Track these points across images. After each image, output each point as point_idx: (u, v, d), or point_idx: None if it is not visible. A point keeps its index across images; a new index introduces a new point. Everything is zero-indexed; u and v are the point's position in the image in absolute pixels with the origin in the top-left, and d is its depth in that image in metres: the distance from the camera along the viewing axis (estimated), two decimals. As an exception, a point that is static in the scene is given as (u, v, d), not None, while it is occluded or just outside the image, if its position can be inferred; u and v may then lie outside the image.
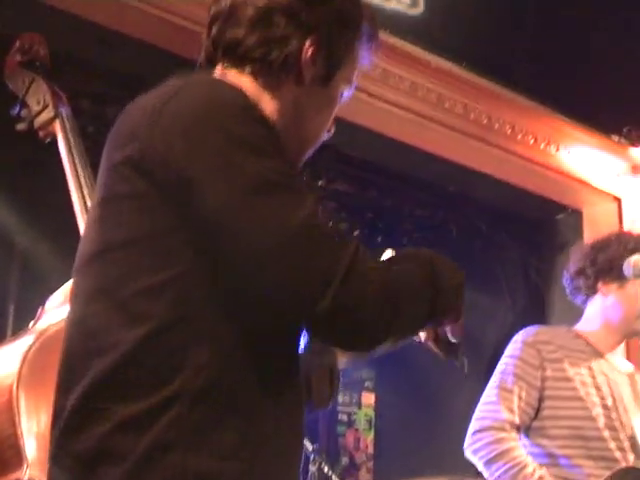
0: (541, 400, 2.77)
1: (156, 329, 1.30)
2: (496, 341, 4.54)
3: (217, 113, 1.34)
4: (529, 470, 2.66)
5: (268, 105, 1.51)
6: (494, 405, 2.76)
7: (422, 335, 1.53)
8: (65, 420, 1.35)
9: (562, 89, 4.77)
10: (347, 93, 1.63)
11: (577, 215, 5.46)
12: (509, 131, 4.74)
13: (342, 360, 1.97)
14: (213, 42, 1.57)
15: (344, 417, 6.83)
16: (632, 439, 2.77)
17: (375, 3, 4.92)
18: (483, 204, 5.46)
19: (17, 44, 2.79)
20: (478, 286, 5.56)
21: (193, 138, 1.32)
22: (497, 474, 2.69)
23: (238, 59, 1.53)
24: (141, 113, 1.39)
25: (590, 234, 4.97)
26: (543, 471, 2.68)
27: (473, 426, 2.78)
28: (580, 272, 2.95)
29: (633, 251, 2.81)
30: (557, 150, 4.98)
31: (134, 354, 1.30)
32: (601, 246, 2.93)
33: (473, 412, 2.83)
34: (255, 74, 1.52)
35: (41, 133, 2.68)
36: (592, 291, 2.93)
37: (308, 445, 4.06)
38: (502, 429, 2.72)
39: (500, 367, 2.85)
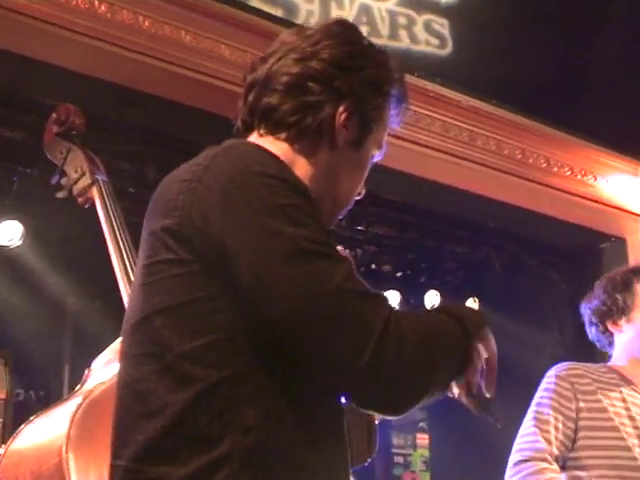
0: (576, 431, 2.76)
1: (202, 391, 1.33)
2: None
3: (251, 182, 1.38)
4: None
5: (302, 169, 1.55)
6: (533, 436, 2.76)
7: (455, 390, 1.51)
8: None
9: (594, 119, 4.78)
10: (378, 156, 1.67)
11: (621, 242, 5.42)
12: (544, 164, 4.76)
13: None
14: (250, 109, 1.61)
15: (400, 459, 6.79)
16: None
17: (403, 47, 5.01)
18: (525, 238, 5.46)
19: (53, 116, 2.90)
20: (526, 320, 5.54)
21: (227, 207, 1.36)
22: None
23: (274, 125, 1.57)
24: (178, 184, 1.43)
25: (636, 260, 4.93)
26: None
27: (513, 458, 2.77)
28: (590, 324, 2.99)
29: (625, 284, 2.88)
30: (595, 180, 4.97)
31: (182, 417, 1.33)
32: (592, 295, 2.98)
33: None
34: (291, 140, 1.57)
35: (80, 199, 2.76)
36: (609, 334, 2.96)
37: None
38: (543, 459, 2.71)
39: (536, 400, 2.85)
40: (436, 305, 5.54)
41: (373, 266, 5.51)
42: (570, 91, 4.83)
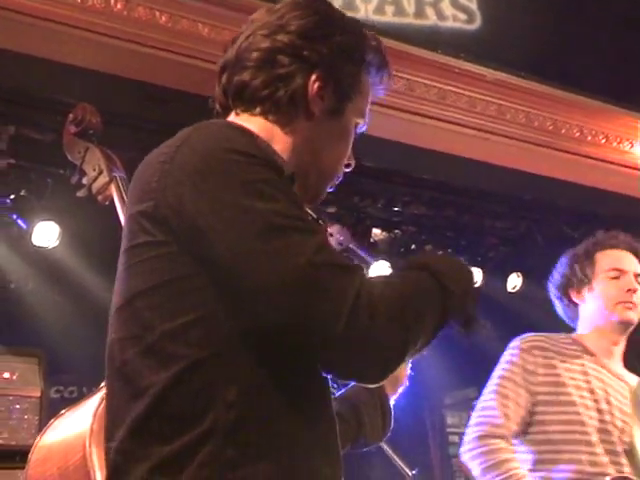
0: (535, 405, 2.75)
1: (184, 370, 1.35)
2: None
3: (221, 160, 1.39)
4: None
5: (281, 143, 1.56)
6: (491, 410, 2.75)
7: None
8: (109, 464, 1.41)
9: (626, 85, 4.68)
10: (362, 126, 1.66)
11: (662, 208, 5.32)
12: (577, 134, 4.68)
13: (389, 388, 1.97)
14: (223, 90, 1.63)
15: (455, 438, 6.76)
16: (627, 444, 2.70)
17: (430, 24, 4.97)
18: (565, 210, 5.38)
19: (70, 116, 2.93)
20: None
21: (200, 187, 1.37)
22: None
23: (247, 101, 1.59)
24: (152, 167, 1.45)
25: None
26: None
27: (470, 432, 2.77)
28: (555, 298, 2.98)
29: (586, 255, 2.88)
30: (632, 146, 4.88)
31: (165, 396, 1.35)
32: (556, 270, 2.98)
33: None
34: (265, 114, 1.57)
35: (100, 197, 2.80)
36: (573, 306, 2.95)
37: (407, 471, 4.05)
38: (499, 437, 2.70)
39: (497, 372, 2.84)
40: (477, 281, 5.50)
41: (413, 246, 5.48)
42: (600, 58, 4.74)
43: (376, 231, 5.14)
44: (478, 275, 5.56)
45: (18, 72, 3.80)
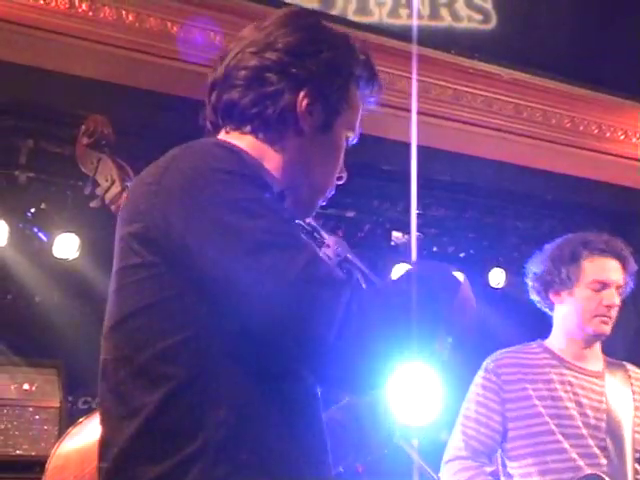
0: (505, 422, 2.77)
1: (174, 390, 1.36)
2: (623, 349, 4.40)
3: (207, 180, 1.39)
4: None
5: (272, 160, 1.57)
6: (457, 434, 2.82)
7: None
8: None
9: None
10: (353, 138, 1.67)
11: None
12: (596, 130, 4.65)
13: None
14: (213, 108, 1.62)
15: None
16: (604, 441, 2.70)
17: (445, 26, 4.96)
18: (587, 208, 5.33)
19: (82, 128, 2.96)
20: (598, 292, 5.41)
21: (187, 207, 1.38)
22: None
23: (237, 120, 1.58)
24: (141, 188, 1.46)
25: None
26: None
27: (444, 456, 2.84)
28: (532, 287, 2.93)
29: (573, 258, 2.80)
30: (653, 141, 4.83)
31: (156, 416, 1.35)
32: (538, 259, 2.90)
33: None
34: (255, 132, 1.57)
35: (113, 207, 2.81)
36: (550, 302, 2.90)
37: (432, 475, 4.03)
38: (467, 457, 2.75)
39: (467, 395, 2.88)
40: (500, 283, 5.47)
41: (435, 249, 5.46)
42: (618, 54, 4.70)
43: (396, 234, 5.12)
44: (501, 276, 5.53)
45: (34, 86, 3.85)
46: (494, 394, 2.79)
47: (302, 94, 1.57)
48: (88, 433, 2.29)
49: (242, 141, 1.56)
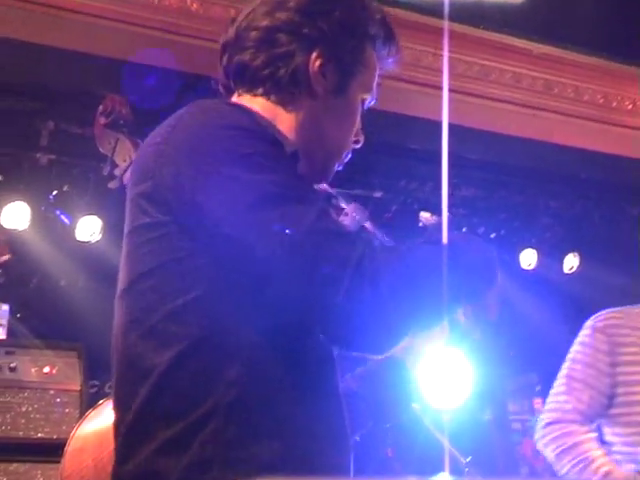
0: (615, 386, 2.62)
1: (185, 350, 1.35)
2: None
3: (214, 136, 1.38)
4: (595, 465, 2.52)
5: (285, 123, 1.54)
6: (563, 395, 2.65)
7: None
8: (117, 448, 1.43)
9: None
10: (370, 101, 1.63)
11: None
12: (630, 106, 4.51)
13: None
14: (225, 71, 1.60)
15: (517, 425, 6.63)
16: None
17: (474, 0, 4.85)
18: (622, 186, 5.20)
19: (100, 108, 2.92)
20: (633, 272, 5.30)
21: (196, 164, 1.36)
22: (564, 470, 2.57)
23: (249, 82, 1.56)
24: (149, 148, 1.44)
25: None
26: (611, 466, 2.51)
27: (542, 418, 2.67)
28: None
29: None
30: (689, 116, 4.69)
31: (168, 377, 1.35)
32: None
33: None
34: (267, 94, 1.55)
35: (131, 188, 2.77)
36: None
37: (461, 459, 3.96)
38: (572, 421, 2.59)
39: (570, 355, 2.71)
40: (532, 264, 5.37)
41: (465, 229, 5.37)
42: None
43: (425, 214, 5.03)
44: (532, 257, 5.43)
45: (53, 67, 3.81)
46: (604, 356, 2.64)
47: (314, 55, 1.53)
48: (106, 416, 2.26)
49: (254, 104, 1.53)
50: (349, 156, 1.64)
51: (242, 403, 1.33)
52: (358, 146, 1.64)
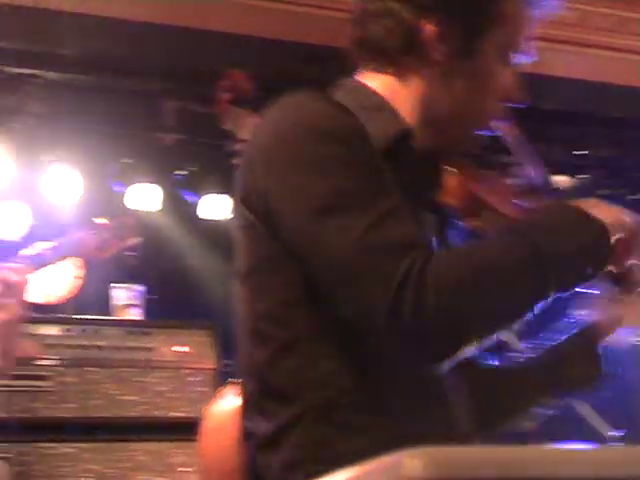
0: None
1: (278, 350, 1.39)
2: None
3: (289, 139, 1.37)
4: None
5: (406, 96, 1.51)
6: None
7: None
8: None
9: None
10: (522, 56, 1.54)
11: None
12: None
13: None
14: (351, 45, 1.57)
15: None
16: None
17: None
18: None
19: (221, 84, 2.90)
20: None
21: (269, 168, 1.37)
22: None
23: (367, 57, 1.54)
24: (245, 147, 1.47)
25: None
26: None
27: None
28: None
29: None
30: None
31: (266, 375, 1.40)
32: None
33: None
34: (385, 67, 1.52)
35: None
36: None
37: (604, 432, 3.79)
38: None
39: None
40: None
41: (602, 192, 5.13)
42: None
43: (560, 178, 4.83)
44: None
45: (177, 46, 3.81)
46: None
47: (431, 21, 1.47)
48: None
49: (374, 81, 1.52)
50: (499, 118, 1.56)
51: (333, 404, 1.35)
52: (516, 104, 1.55)
